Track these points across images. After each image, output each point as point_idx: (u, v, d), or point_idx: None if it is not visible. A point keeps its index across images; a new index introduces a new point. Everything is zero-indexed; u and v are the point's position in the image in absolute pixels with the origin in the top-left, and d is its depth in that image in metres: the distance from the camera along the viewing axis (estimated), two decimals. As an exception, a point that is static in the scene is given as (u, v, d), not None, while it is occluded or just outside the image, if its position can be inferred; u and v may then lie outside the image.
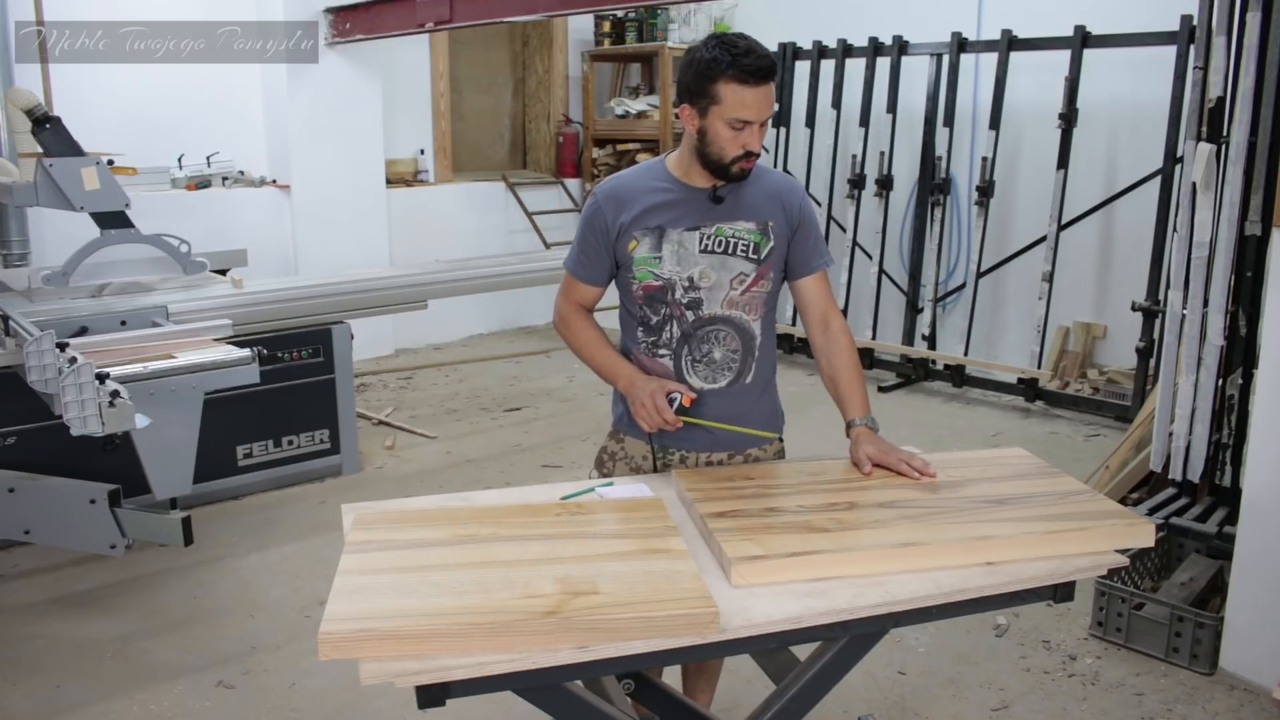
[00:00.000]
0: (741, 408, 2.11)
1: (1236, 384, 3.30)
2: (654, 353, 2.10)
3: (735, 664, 2.72)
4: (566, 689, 1.55)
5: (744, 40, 1.90)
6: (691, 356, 2.08)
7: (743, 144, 1.93)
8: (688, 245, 2.03)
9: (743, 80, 1.87)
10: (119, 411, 2.71)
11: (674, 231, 2.03)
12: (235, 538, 3.84)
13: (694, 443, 2.11)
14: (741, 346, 2.09)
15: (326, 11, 5.70)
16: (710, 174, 2.00)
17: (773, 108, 1.94)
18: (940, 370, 5.88)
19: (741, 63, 1.86)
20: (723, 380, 2.09)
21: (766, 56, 1.89)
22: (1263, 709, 2.75)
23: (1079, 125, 5.17)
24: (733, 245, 2.03)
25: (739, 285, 2.05)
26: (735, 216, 2.04)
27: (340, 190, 6.03)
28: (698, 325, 2.06)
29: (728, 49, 1.88)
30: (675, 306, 2.06)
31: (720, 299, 2.05)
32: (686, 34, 7.01)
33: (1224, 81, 3.32)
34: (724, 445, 2.12)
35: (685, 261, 2.03)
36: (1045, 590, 1.69)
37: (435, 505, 1.90)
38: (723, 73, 1.87)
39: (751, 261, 2.05)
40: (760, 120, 1.92)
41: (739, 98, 1.88)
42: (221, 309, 3.89)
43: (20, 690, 2.86)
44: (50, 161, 3.62)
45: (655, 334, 2.09)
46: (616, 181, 2.11)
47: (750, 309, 2.08)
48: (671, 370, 2.08)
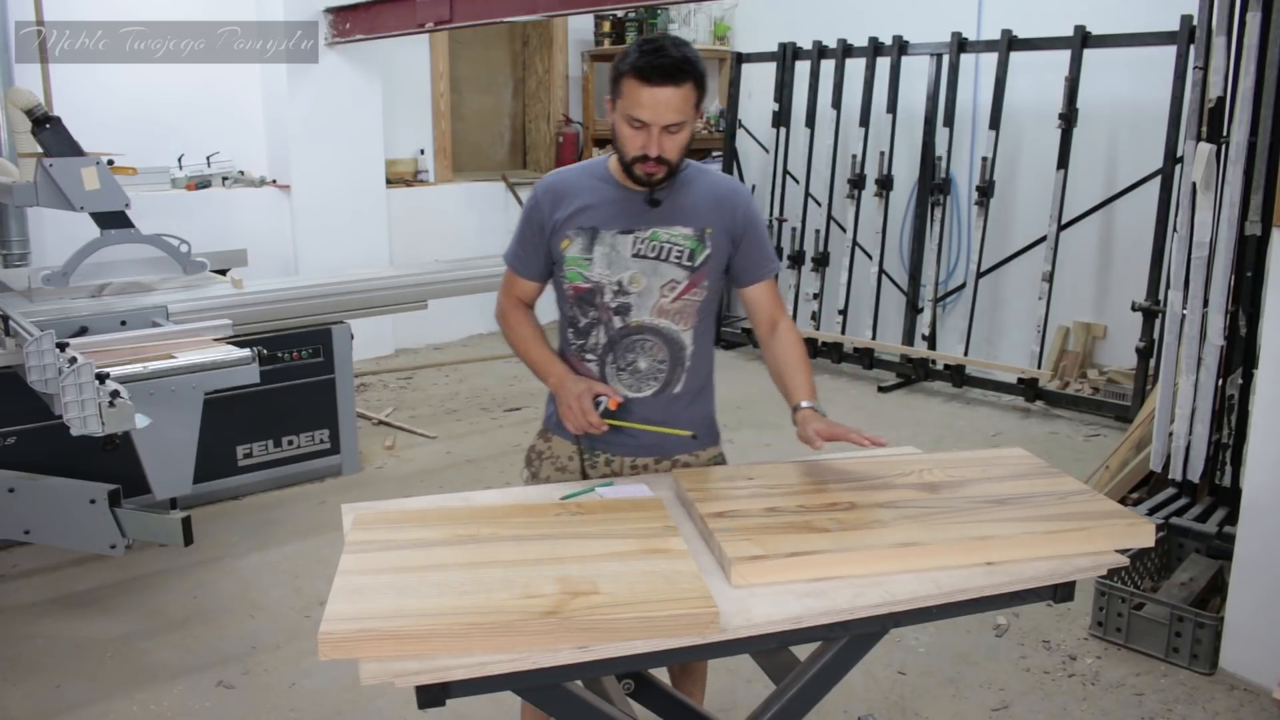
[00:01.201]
0: (669, 417, 2.05)
1: (1236, 384, 3.30)
2: (581, 356, 2.05)
3: (735, 664, 2.72)
4: (566, 689, 1.55)
5: (665, 40, 1.85)
6: (616, 364, 2.03)
7: (641, 145, 1.87)
8: (620, 248, 1.98)
9: (641, 78, 1.82)
10: (119, 411, 2.71)
11: (607, 233, 1.98)
12: (235, 538, 3.84)
13: (620, 447, 2.07)
14: (670, 357, 2.03)
15: (326, 11, 5.70)
16: (624, 174, 1.95)
17: (683, 116, 1.85)
18: (940, 370, 5.88)
19: (644, 60, 1.81)
20: (648, 390, 2.04)
21: (673, 59, 1.81)
22: (1263, 709, 2.75)
23: (1079, 125, 5.17)
24: (666, 251, 1.98)
25: (670, 293, 1.99)
26: (672, 221, 1.98)
27: (340, 190, 6.03)
28: (624, 333, 2.00)
29: (640, 45, 1.84)
30: (604, 310, 2.00)
31: (650, 306, 1.99)
32: (687, 34, 7.00)
33: (1224, 81, 3.32)
34: (650, 450, 2.07)
35: (616, 265, 1.98)
36: (1045, 590, 1.69)
37: (435, 505, 1.90)
38: (627, 68, 1.84)
39: (684, 269, 1.99)
40: (660, 123, 1.84)
41: (635, 95, 1.83)
42: (221, 309, 3.89)
43: (20, 690, 2.86)
44: (50, 161, 3.62)
45: (583, 337, 2.04)
46: (557, 176, 2.07)
47: (681, 318, 2.02)
48: (596, 375, 2.04)
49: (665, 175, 1.93)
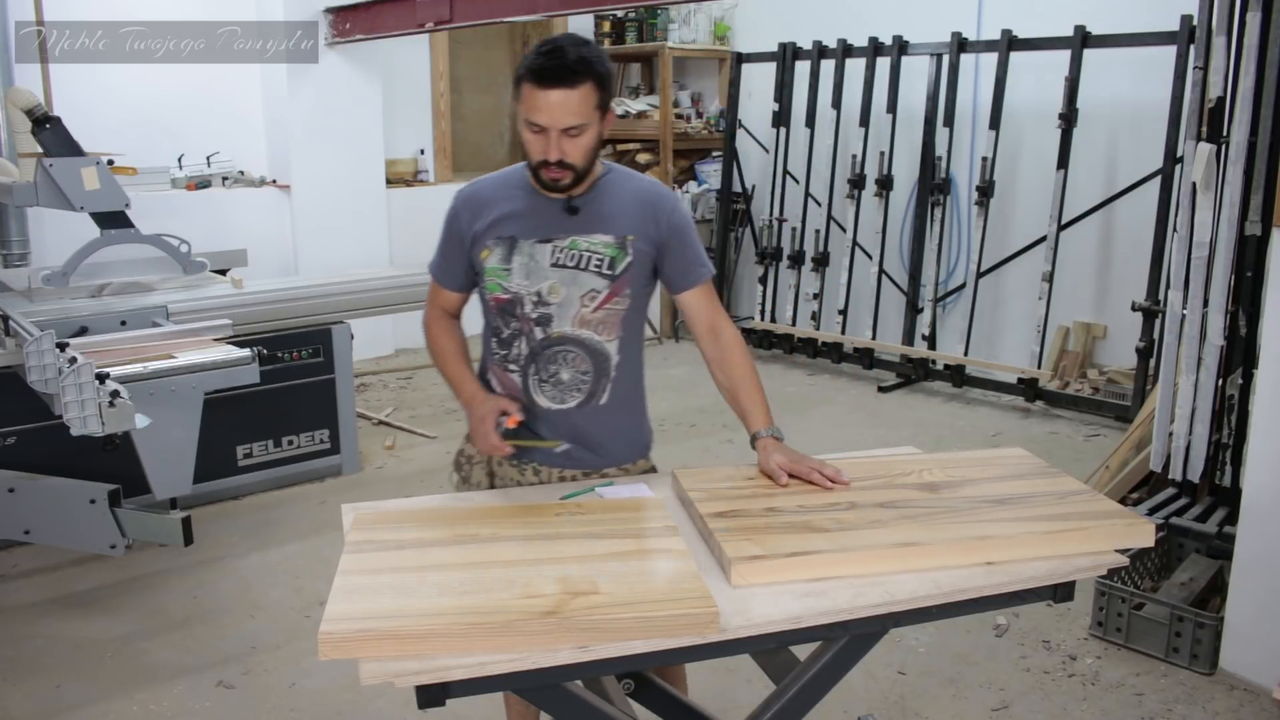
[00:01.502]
0: (594, 428, 2.01)
1: (1236, 384, 3.30)
2: (505, 367, 2.01)
3: (735, 664, 2.72)
4: (566, 689, 1.55)
5: (565, 40, 1.79)
6: (539, 376, 1.98)
7: (541, 150, 1.81)
8: (538, 258, 1.93)
9: (536, 81, 1.76)
10: (119, 411, 2.71)
11: (526, 243, 1.93)
12: (235, 538, 3.84)
13: (546, 458, 2.03)
14: (593, 368, 1.98)
15: (326, 11, 5.70)
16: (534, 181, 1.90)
17: (583, 118, 1.78)
18: (940, 370, 5.88)
19: (538, 62, 1.76)
20: (571, 401, 1.99)
21: (568, 60, 1.75)
22: (1263, 709, 2.75)
23: (1079, 125, 5.17)
24: (585, 259, 1.92)
25: (590, 302, 1.93)
26: (591, 229, 1.93)
27: (340, 190, 6.03)
28: (545, 344, 1.96)
29: (538, 47, 1.78)
30: (525, 321, 1.96)
31: (570, 316, 1.94)
32: (686, 34, 7.01)
33: (1224, 81, 3.32)
34: (580, 463, 2.02)
35: (535, 275, 1.93)
36: (1045, 590, 1.68)
37: (435, 505, 1.90)
38: (523, 72, 1.79)
39: (604, 278, 1.93)
40: (557, 127, 1.78)
41: (532, 99, 1.77)
42: (221, 309, 3.89)
43: (20, 690, 2.86)
44: (50, 161, 3.62)
45: (506, 348, 2.00)
46: (476, 186, 2.02)
47: (605, 328, 1.96)
48: (519, 386, 1.99)
49: (573, 180, 1.86)
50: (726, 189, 6.82)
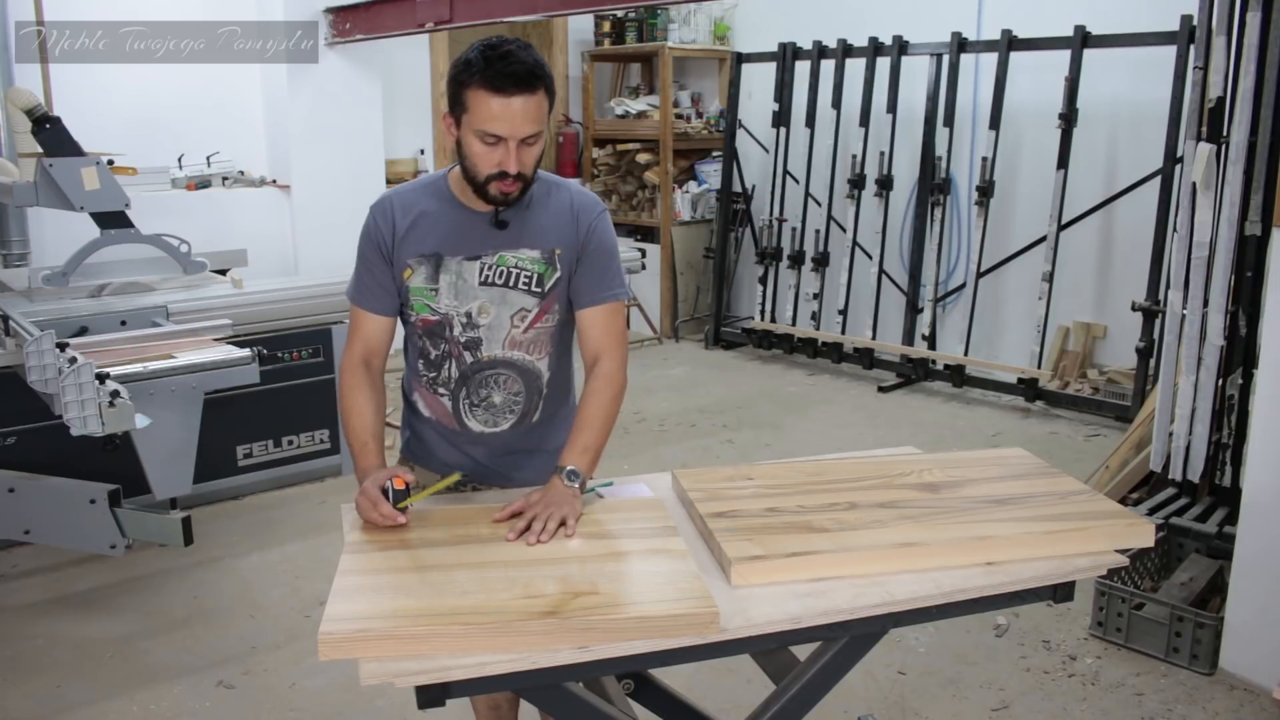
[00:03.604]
0: (531, 443, 1.97)
1: (1236, 384, 3.30)
2: (434, 389, 1.95)
3: (735, 664, 2.72)
4: (566, 689, 1.55)
5: (509, 45, 1.69)
6: (470, 400, 1.92)
7: (497, 162, 1.71)
8: (466, 276, 1.84)
9: (492, 88, 1.66)
10: (119, 411, 2.72)
11: (452, 260, 1.84)
12: (235, 538, 3.84)
13: (491, 476, 1.98)
14: (525, 388, 1.93)
15: (326, 11, 5.70)
16: (475, 194, 1.80)
17: (540, 125, 1.71)
18: (940, 370, 5.88)
19: (493, 68, 1.66)
20: (505, 423, 1.94)
21: (525, 64, 1.67)
22: (1263, 709, 2.75)
23: (1079, 125, 5.17)
24: (514, 276, 1.84)
25: (520, 322, 1.87)
26: (519, 244, 1.84)
27: (340, 190, 6.01)
28: (476, 368, 1.89)
29: (484, 52, 1.68)
30: (454, 345, 1.88)
31: (501, 338, 1.87)
32: (686, 34, 7.01)
33: (1224, 81, 3.32)
34: (523, 483, 1.95)
35: (463, 295, 1.84)
36: (1045, 590, 1.69)
37: (435, 506, 1.90)
38: (473, 78, 1.67)
39: (534, 295, 1.86)
40: (517, 136, 1.70)
41: (487, 108, 1.67)
42: (221, 309, 3.89)
43: (20, 690, 2.86)
44: (50, 161, 3.62)
45: (435, 369, 1.93)
46: (392, 196, 1.89)
47: (536, 348, 1.91)
48: (449, 411, 1.94)
49: (521, 192, 1.78)
50: (726, 189, 6.82)
